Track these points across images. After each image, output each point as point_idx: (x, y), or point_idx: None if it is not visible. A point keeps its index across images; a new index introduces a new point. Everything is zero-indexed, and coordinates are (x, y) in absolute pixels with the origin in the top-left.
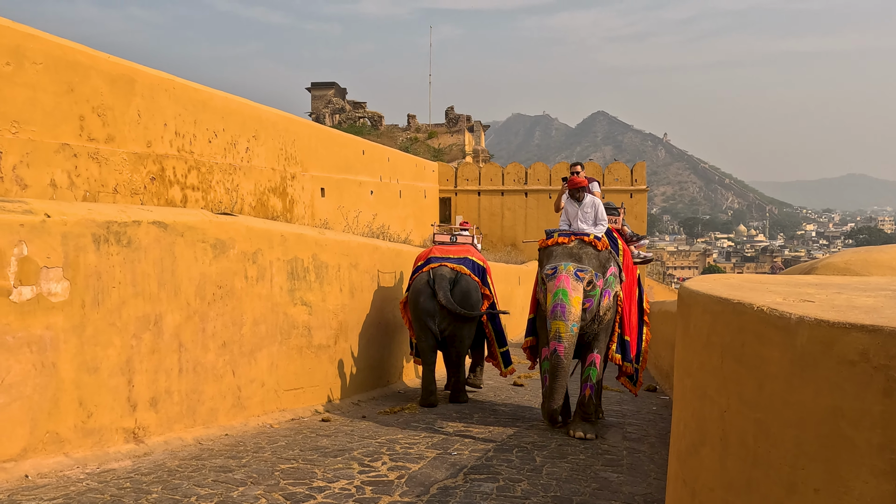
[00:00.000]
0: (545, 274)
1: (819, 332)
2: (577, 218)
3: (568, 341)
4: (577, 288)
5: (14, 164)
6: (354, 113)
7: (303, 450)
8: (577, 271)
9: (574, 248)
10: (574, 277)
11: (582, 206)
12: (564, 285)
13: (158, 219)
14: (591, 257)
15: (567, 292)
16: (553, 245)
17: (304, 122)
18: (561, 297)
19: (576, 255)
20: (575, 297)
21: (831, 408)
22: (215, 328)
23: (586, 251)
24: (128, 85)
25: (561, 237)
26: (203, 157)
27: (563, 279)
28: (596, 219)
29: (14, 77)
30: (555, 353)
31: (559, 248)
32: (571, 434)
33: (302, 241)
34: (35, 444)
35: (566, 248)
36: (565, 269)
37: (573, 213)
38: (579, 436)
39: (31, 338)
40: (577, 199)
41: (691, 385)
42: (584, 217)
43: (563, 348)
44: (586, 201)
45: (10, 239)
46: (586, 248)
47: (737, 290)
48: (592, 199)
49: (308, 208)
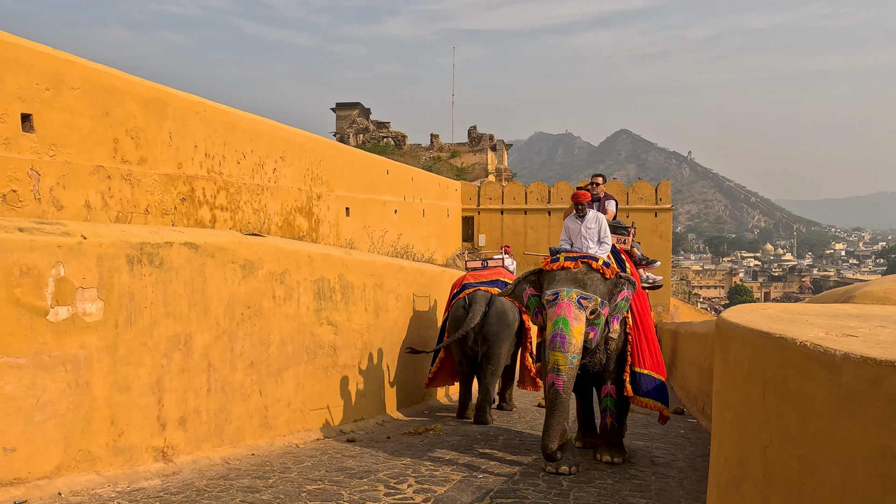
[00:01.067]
0: (546, 300)
1: (865, 370)
2: (579, 236)
3: (567, 374)
4: (579, 317)
5: (51, 185)
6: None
7: (329, 471)
8: (581, 299)
9: (579, 273)
10: (577, 305)
11: (584, 223)
12: (566, 314)
13: (190, 240)
14: (596, 283)
15: (568, 321)
16: (557, 269)
17: (329, 143)
18: (561, 327)
19: (580, 281)
20: (576, 328)
21: (880, 447)
22: (243, 348)
23: (592, 277)
24: (160, 108)
25: (567, 262)
26: (232, 177)
27: (565, 307)
28: (599, 237)
29: (53, 102)
30: (552, 387)
31: (563, 273)
32: (598, 458)
33: (328, 261)
34: (68, 461)
35: (570, 273)
36: (567, 295)
37: (575, 231)
38: (606, 460)
39: (66, 357)
40: (580, 215)
41: (731, 418)
42: (587, 235)
43: (562, 382)
44: (589, 217)
45: (48, 260)
46: (592, 273)
47: (776, 322)
48: (596, 216)
49: (333, 228)
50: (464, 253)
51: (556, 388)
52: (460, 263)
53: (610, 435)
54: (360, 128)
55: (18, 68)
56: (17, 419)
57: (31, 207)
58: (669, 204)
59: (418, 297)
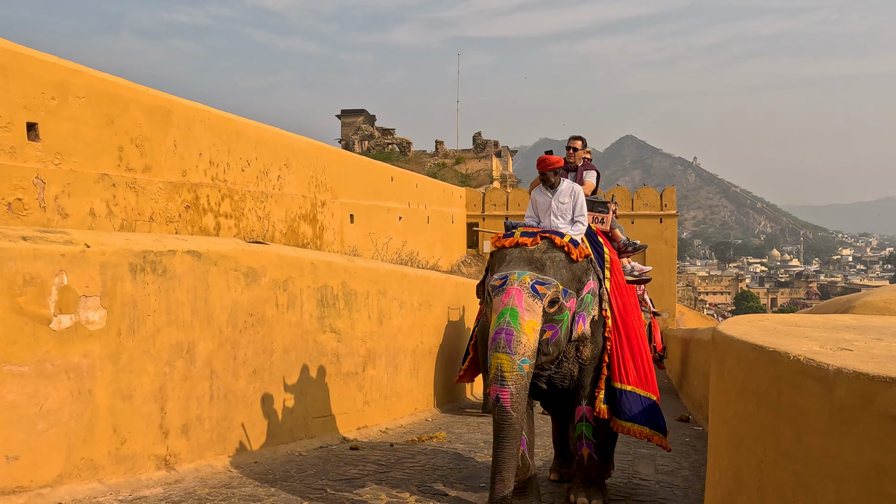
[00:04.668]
0: (491, 285)
1: (858, 386)
2: (548, 212)
3: (515, 385)
4: (532, 308)
5: (56, 194)
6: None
7: (331, 479)
8: (536, 284)
9: (537, 251)
10: (530, 293)
11: (556, 196)
12: (514, 303)
13: (193, 248)
14: (558, 266)
15: (517, 313)
16: (510, 247)
17: (333, 150)
18: (508, 321)
19: (537, 262)
20: (528, 322)
21: (874, 464)
22: (246, 355)
23: (553, 257)
24: (165, 116)
25: (524, 237)
26: (236, 185)
27: (514, 294)
28: (574, 215)
29: (58, 111)
30: (498, 405)
31: (516, 252)
32: (572, 500)
33: (331, 268)
34: (70, 470)
35: (526, 251)
36: (519, 280)
37: (543, 206)
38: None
39: (68, 365)
40: (549, 185)
41: (727, 433)
42: (557, 211)
43: (509, 396)
44: (562, 189)
45: (51, 269)
46: (554, 252)
47: (771, 334)
48: (571, 188)
49: (338, 235)
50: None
51: (503, 404)
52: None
53: (587, 471)
54: (365, 134)
55: (24, 77)
56: (20, 427)
57: (37, 216)
58: (675, 210)
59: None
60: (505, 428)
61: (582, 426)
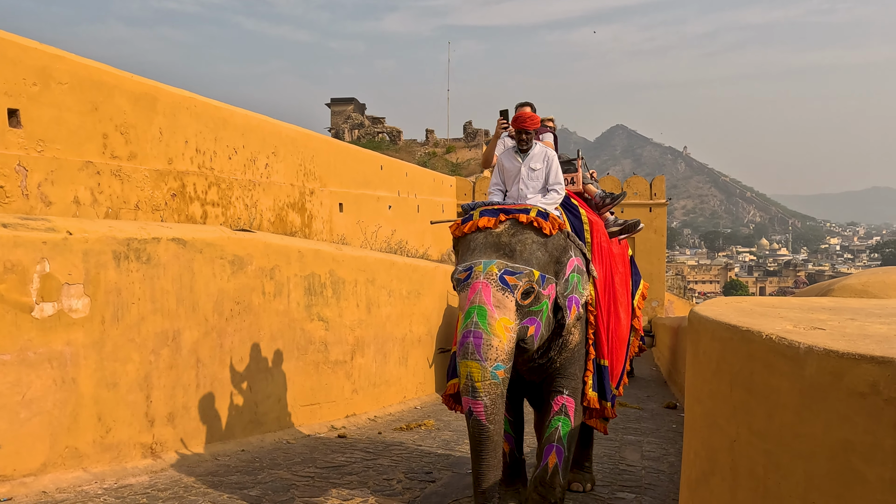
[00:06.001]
0: (455, 278)
1: (828, 363)
2: (517, 179)
3: (489, 395)
4: (502, 304)
5: (39, 181)
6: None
7: (318, 467)
8: (505, 274)
9: (503, 234)
10: (498, 285)
11: (527, 161)
12: (482, 299)
13: (177, 235)
14: (531, 249)
15: (486, 312)
16: (472, 232)
17: (322, 139)
18: (476, 322)
19: (505, 247)
20: (500, 321)
21: (842, 441)
22: (233, 344)
23: (522, 238)
24: (150, 103)
25: (484, 217)
26: (223, 173)
27: (481, 290)
28: (548, 183)
29: (40, 97)
30: (472, 419)
31: (480, 237)
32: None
33: (319, 256)
34: (54, 458)
35: (491, 235)
36: (485, 271)
37: (512, 172)
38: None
39: (51, 353)
40: (521, 149)
41: (701, 413)
42: (528, 178)
43: (483, 408)
44: (535, 153)
45: (33, 256)
46: (523, 233)
47: (747, 315)
48: (545, 152)
49: (327, 223)
50: None
51: (477, 418)
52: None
53: (548, 488)
54: (354, 123)
55: (5, 63)
56: (2, 416)
57: (19, 203)
58: (664, 199)
59: (411, 293)
60: (483, 442)
61: (558, 421)
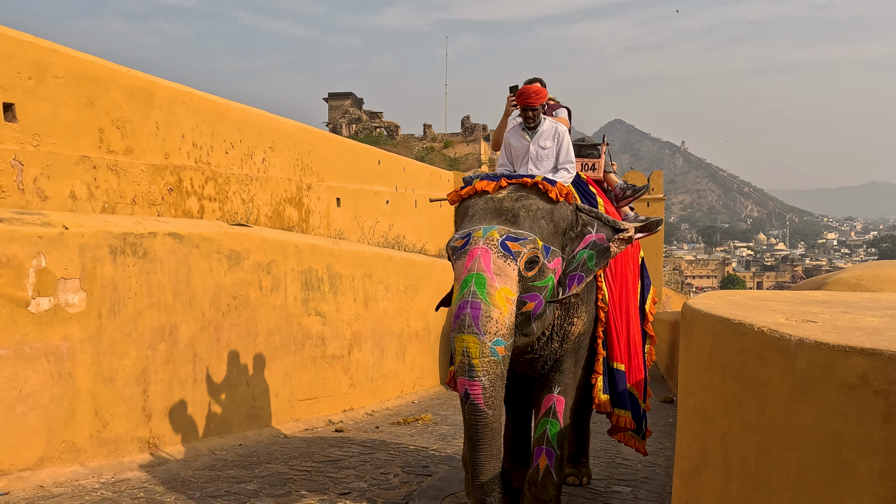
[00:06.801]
0: (451, 247)
1: (818, 355)
2: (525, 158)
3: (488, 375)
4: (504, 272)
5: (35, 176)
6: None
7: (316, 461)
8: (507, 240)
9: (506, 199)
10: (499, 251)
11: (536, 138)
12: (481, 266)
13: (174, 230)
14: (535, 216)
15: (485, 280)
16: (471, 197)
17: (320, 133)
18: (473, 290)
19: (508, 213)
20: (500, 291)
21: (832, 433)
22: (230, 338)
23: (527, 205)
24: (146, 98)
25: (483, 181)
26: (220, 168)
27: (480, 256)
28: (558, 162)
29: (36, 91)
30: (468, 402)
31: (480, 202)
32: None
33: (316, 251)
34: (51, 453)
35: (492, 200)
36: (485, 236)
37: (520, 151)
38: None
39: (48, 348)
40: (528, 126)
41: (694, 405)
42: (537, 157)
43: (481, 390)
44: (544, 129)
45: (28, 251)
46: (528, 198)
47: (740, 308)
48: (555, 128)
49: (324, 218)
50: None
51: (475, 402)
52: None
53: (540, 489)
54: (352, 118)
55: (0, 57)
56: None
57: (15, 198)
58: (662, 194)
59: (408, 288)
60: (480, 429)
61: (548, 422)
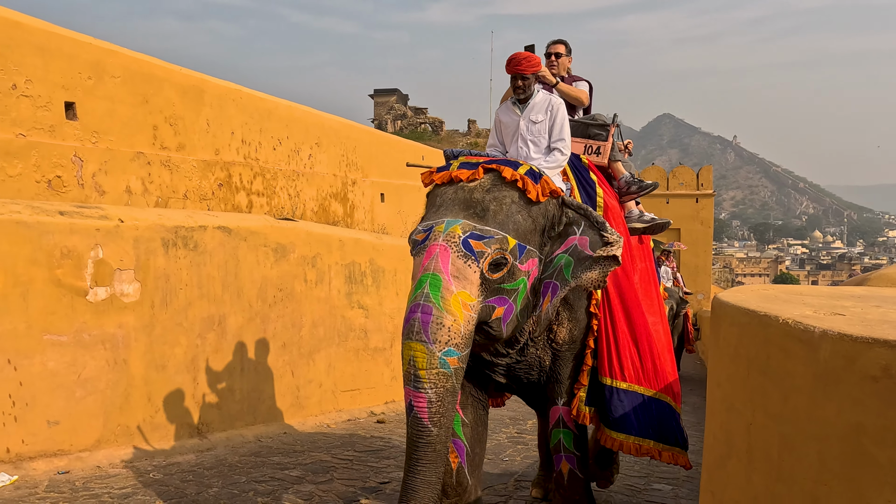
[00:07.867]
0: (412, 240)
1: (841, 347)
2: (515, 135)
3: (435, 388)
4: (463, 274)
5: (93, 171)
6: (416, 119)
7: (357, 450)
8: (470, 238)
9: (477, 189)
10: (460, 251)
11: (527, 112)
12: (437, 266)
13: (223, 224)
14: (508, 211)
15: (440, 282)
16: (443, 185)
17: (364, 129)
18: (426, 293)
19: (477, 206)
20: (457, 296)
21: (854, 424)
22: (275, 329)
23: (499, 197)
24: (198, 95)
25: (461, 170)
26: (268, 163)
27: (438, 255)
28: (551, 139)
29: (94, 90)
30: (411, 415)
31: (450, 191)
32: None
33: (359, 245)
34: (108, 436)
35: (462, 190)
36: (446, 232)
37: (510, 127)
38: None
39: (104, 336)
40: (519, 97)
41: (720, 397)
42: (528, 134)
43: (426, 403)
44: (536, 102)
45: (87, 243)
46: (502, 190)
47: (769, 301)
48: (549, 101)
49: (368, 213)
50: None
51: (418, 416)
52: None
53: (568, 493)
54: (397, 114)
55: (61, 58)
56: (60, 394)
57: (75, 193)
58: (711, 189)
59: None
60: (420, 447)
61: (559, 433)
